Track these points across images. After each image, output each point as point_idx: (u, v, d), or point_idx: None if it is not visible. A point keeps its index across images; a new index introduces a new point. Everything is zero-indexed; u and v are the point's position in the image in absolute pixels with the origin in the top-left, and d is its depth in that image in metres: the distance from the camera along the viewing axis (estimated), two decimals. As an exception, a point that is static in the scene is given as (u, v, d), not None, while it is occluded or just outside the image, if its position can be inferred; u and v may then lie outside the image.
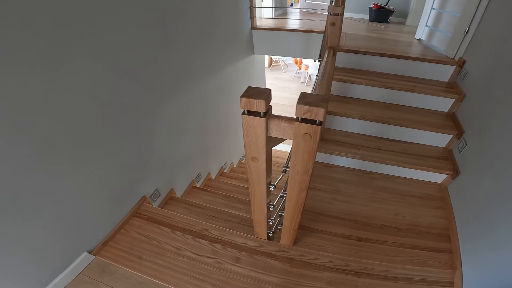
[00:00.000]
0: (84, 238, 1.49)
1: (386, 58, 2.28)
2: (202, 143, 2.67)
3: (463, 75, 2.03)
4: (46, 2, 1.03)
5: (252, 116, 0.84)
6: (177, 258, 1.54)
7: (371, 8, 3.86)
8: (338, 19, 1.53)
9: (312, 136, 0.82)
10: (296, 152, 0.90)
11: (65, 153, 1.25)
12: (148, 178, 1.91)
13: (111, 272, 1.48)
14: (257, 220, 1.43)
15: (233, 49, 2.99)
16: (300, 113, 0.78)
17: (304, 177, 0.98)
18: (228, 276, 1.45)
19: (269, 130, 0.89)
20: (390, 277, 1.44)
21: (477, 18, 1.91)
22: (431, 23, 2.60)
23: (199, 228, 1.71)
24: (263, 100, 0.79)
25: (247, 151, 0.97)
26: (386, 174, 2.09)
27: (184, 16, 1.96)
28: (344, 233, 1.69)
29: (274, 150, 4.89)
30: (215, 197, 2.43)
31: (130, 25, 1.48)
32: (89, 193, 1.45)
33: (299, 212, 1.20)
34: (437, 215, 1.79)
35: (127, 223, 1.74)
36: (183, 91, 2.10)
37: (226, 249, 1.58)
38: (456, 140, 1.92)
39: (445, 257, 1.55)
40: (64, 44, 1.13)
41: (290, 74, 7.90)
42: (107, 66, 1.38)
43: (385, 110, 2.15)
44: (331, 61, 1.50)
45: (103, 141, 1.46)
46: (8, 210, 1.07)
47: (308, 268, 1.47)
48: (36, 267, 1.25)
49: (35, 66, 1.04)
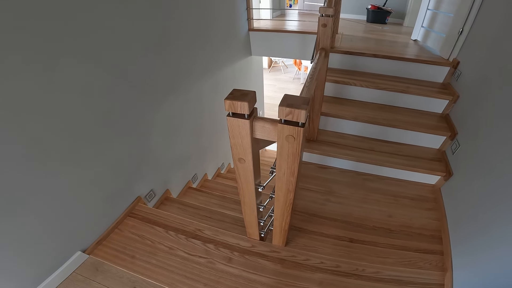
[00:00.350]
0: (78, 237, 1.51)
1: (381, 59, 2.29)
2: (199, 144, 2.68)
3: (457, 76, 2.03)
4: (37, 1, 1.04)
5: (236, 118, 0.85)
6: (170, 258, 1.55)
7: (368, 9, 3.86)
8: (329, 20, 1.53)
9: (296, 138, 0.83)
10: (281, 153, 0.91)
11: (59, 153, 1.27)
12: (143, 178, 1.93)
13: (104, 271, 1.49)
14: (248, 220, 1.44)
15: (230, 50, 3.00)
16: (283, 115, 0.79)
17: (290, 178, 0.99)
18: (220, 276, 1.46)
19: (254, 132, 0.90)
20: (381, 278, 1.44)
21: (471, 18, 1.91)
22: (427, 23, 2.60)
23: (192, 228, 1.72)
24: (246, 102, 0.80)
25: (234, 152, 0.99)
26: (379, 176, 2.09)
27: (180, 17, 1.97)
28: (336, 234, 1.69)
29: (268, 150, 4.87)
30: (210, 197, 2.44)
31: (124, 24, 1.49)
32: (83, 192, 1.46)
33: (288, 213, 1.21)
34: (430, 217, 1.79)
35: (121, 222, 1.76)
36: (179, 92, 2.11)
37: (219, 249, 1.59)
38: (450, 142, 1.92)
39: (436, 259, 1.56)
40: (56, 43, 1.14)
41: (290, 75, 7.90)
42: (100, 66, 1.39)
43: (379, 111, 2.15)
44: (323, 63, 1.51)
45: (97, 141, 1.47)
46: (1, 209, 1.08)
47: (300, 269, 1.48)
48: (29, 266, 1.27)
49: (28, 65, 1.06)
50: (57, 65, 1.17)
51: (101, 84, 1.42)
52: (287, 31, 3.33)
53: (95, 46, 1.34)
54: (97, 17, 1.33)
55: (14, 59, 1.01)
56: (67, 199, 1.38)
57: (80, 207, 1.47)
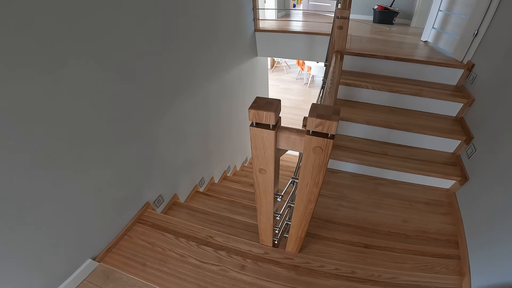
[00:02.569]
0: (88, 244, 1.48)
1: (392, 61, 2.25)
2: (205, 147, 2.65)
3: (472, 79, 2.00)
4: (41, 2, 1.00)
5: (260, 128, 0.82)
6: (182, 265, 1.53)
7: (375, 10, 3.82)
8: (345, 22, 1.50)
9: (324, 149, 0.79)
10: (306, 165, 0.88)
11: (67, 158, 1.23)
12: (151, 183, 1.89)
13: (116, 279, 1.46)
14: (263, 228, 1.41)
15: (236, 51, 2.96)
16: (312, 126, 0.75)
17: (313, 189, 0.96)
18: (233, 284, 1.43)
19: (278, 143, 0.86)
20: (397, 284, 1.42)
21: (487, 20, 1.87)
22: (438, 25, 2.56)
23: (203, 234, 1.70)
24: (272, 112, 0.77)
25: (255, 163, 0.95)
26: (392, 180, 2.06)
27: (187, 18, 1.93)
28: (350, 240, 1.67)
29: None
30: (219, 202, 2.41)
31: (130, 26, 1.45)
32: (92, 199, 1.43)
33: (307, 221, 1.18)
34: (445, 221, 1.76)
35: (130, 229, 1.73)
36: (185, 94, 2.07)
37: (231, 256, 1.57)
38: (465, 146, 1.89)
39: (453, 264, 1.53)
40: (61, 45, 1.10)
41: (293, 75, 7.86)
42: (108, 68, 1.35)
43: (391, 114, 2.12)
44: (339, 66, 1.47)
45: (105, 146, 1.44)
46: (10, 217, 1.05)
47: (314, 276, 1.46)
48: (40, 275, 1.24)
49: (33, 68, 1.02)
50: (64, 66, 1.12)
51: (109, 87, 1.38)
52: (294, 32, 3.29)
53: (103, 47, 1.30)
54: (112, 20, 1.30)
55: (19, 61, 0.97)
56: (76, 206, 1.34)
57: (90, 214, 1.44)
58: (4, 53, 0.91)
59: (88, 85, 1.27)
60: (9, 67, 0.93)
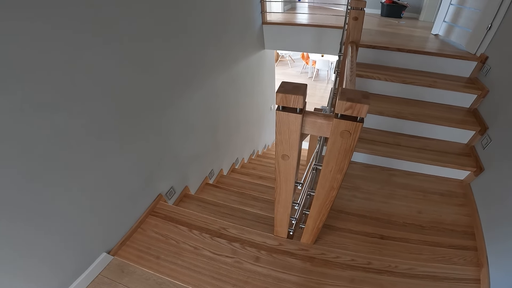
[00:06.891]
0: (102, 238, 1.47)
1: (405, 53, 2.22)
2: (214, 139, 2.64)
3: (486, 71, 1.97)
4: None
5: (287, 112, 0.80)
6: (196, 258, 1.52)
7: (383, 3, 3.78)
8: (361, 13, 1.48)
9: (352, 133, 0.78)
10: (331, 149, 0.86)
11: (80, 152, 1.21)
12: (163, 175, 1.88)
13: (130, 273, 1.45)
14: (280, 219, 1.40)
15: (244, 44, 2.94)
16: (341, 109, 0.74)
17: (337, 175, 0.95)
18: (248, 276, 1.42)
19: (304, 127, 0.85)
20: (415, 274, 1.41)
21: (501, 14, 1.84)
22: (450, 18, 2.52)
23: (217, 226, 1.69)
24: (301, 96, 0.75)
25: (278, 149, 0.94)
26: (405, 171, 2.04)
27: (197, 10, 1.91)
28: (365, 231, 1.65)
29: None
30: (229, 194, 2.41)
31: (142, 18, 1.43)
32: (106, 191, 1.42)
33: (326, 210, 1.17)
34: (460, 213, 1.74)
35: (143, 222, 1.72)
36: (194, 87, 2.05)
37: (245, 248, 1.56)
38: (479, 136, 1.87)
39: (470, 255, 1.52)
40: (77, 37, 1.08)
41: (297, 69, 7.83)
42: (124, 60, 1.34)
43: (404, 105, 2.09)
44: (355, 56, 1.45)
45: (118, 139, 1.42)
46: (24, 213, 1.03)
47: (330, 267, 1.45)
48: (55, 270, 1.22)
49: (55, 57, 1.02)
50: (81, 57, 1.11)
51: (125, 78, 1.37)
52: (301, 25, 3.26)
53: (118, 37, 1.29)
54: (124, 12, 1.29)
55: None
56: (91, 198, 1.33)
57: (104, 206, 1.43)
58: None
59: (106, 76, 1.26)
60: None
